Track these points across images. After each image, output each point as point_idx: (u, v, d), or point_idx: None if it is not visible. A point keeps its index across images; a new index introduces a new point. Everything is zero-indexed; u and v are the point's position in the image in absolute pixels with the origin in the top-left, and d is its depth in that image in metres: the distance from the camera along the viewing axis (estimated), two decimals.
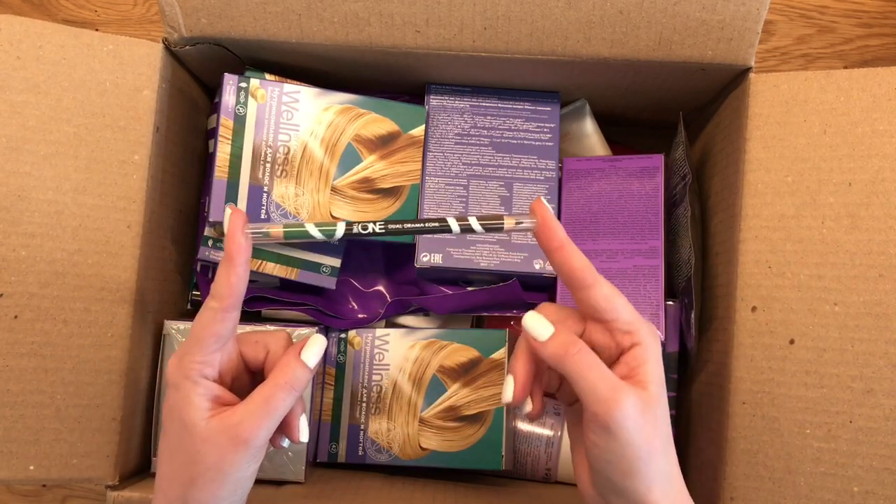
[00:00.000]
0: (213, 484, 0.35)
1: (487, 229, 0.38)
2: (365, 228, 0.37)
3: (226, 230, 0.36)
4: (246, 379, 0.40)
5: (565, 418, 0.54)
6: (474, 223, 0.38)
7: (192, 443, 0.35)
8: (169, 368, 0.36)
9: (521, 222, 0.37)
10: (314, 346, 0.38)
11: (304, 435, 0.39)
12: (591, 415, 0.34)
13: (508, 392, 0.37)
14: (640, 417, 0.33)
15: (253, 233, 0.36)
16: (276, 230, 0.37)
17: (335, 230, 0.37)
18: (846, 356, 0.42)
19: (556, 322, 0.36)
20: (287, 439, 0.40)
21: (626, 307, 0.35)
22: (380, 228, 0.38)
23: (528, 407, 0.38)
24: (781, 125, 0.45)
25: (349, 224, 0.38)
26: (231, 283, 0.35)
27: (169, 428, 0.36)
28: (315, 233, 0.37)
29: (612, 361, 0.36)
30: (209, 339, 0.36)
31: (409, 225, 0.38)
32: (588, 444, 0.35)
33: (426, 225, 0.38)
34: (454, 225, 0.38)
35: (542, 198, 0.37)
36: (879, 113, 0.43)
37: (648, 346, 0.35)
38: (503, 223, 0.37)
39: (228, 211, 0.36)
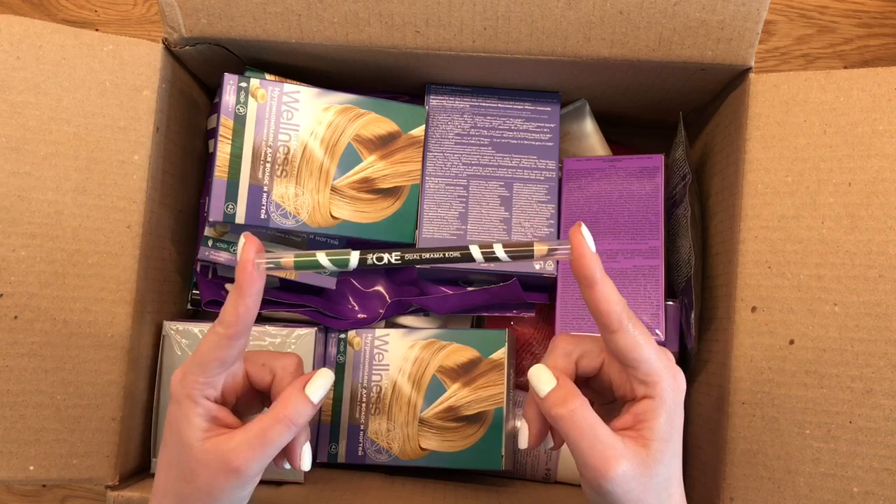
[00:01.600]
0: None
1: (514, 258, 0.34)
2: (380, 259, 0.35)
3: (238, 258, 0.35)
4: (253, 398, 0.40)
5: None
6: (500, 251, 0.34)
7: (187, 461, 0.35)
8: (173, 382, 0.36)
9: (555, 250, 0.34)
10: (320, 381, 0.37)
11: (305, 463, 0.39)
12: (583, 477, 0.34)
13: (523, 440, 0.37)
14: (632, 481, 0.33)
15: (266, 263, 0.35)
16: (287, 260, 0.35)
17: (348, 259, 0.35)
18: (846, 356, 0.42)
19: (567, 359, 0.36)
20: (289, 464, 0.39)
21: (649, 358, 0.34)
22: (395, 259, 0.35)
23: (551, 444, 0.38)
24: (781, 125, 0.45)
25: (363, 254, 0.35)
26: (238, 313, 0.34)
27: (168, 441, 0.36)
28: (326, 263, 0.35)
29: (624, 402, 0.36)
30: (212, 363, 0.35)
31: (427, 255, 0.35)
32: (584, 491, 0.35)
33: (446, 255, 0.35)
34: (477, 254, 0.34)
35: (583, 226, 0.33)
36: (879, 113, 0.43)
37: (662, 401, 0.34)
38: (533, 251, 0.34)
39: (242, 240, 0.35)
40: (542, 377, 0.35)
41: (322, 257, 0.35)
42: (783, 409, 0.43)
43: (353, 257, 0.35)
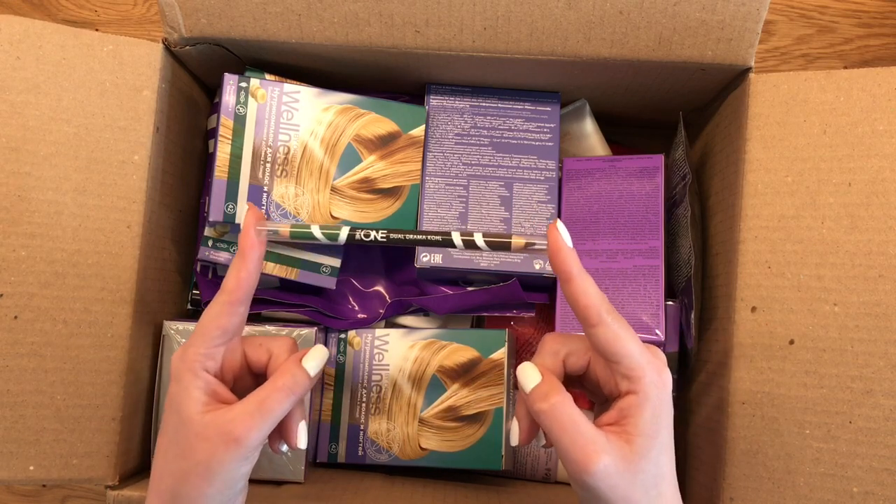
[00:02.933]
0: (201, 481, 0.35)
1: (493, 247, 0.36)
2: (367, 236, 0.38)
3: (242, 226, 0.37)
4: (248, 381, 0.40)
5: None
6: (479, 239, 0.36)
7: (186, 436, 0.35)
8: (173, 360, 0.37)
9: (533, 244, 0.35)
10: (316, 355, 0.38)
11: (302, 441, 0.39)
12: (568, 473, 0.34)
13: (514, 436, 0.37)
14: (615, 477, 0.32)
15: (266, 230, 0.37)
16: (284, 229, 0.38)
17: (339, 234, 0.38)
18: (846, 356, 0.42)
19: (555, 357, 0.37)
20: (286, 444, 0.40)
21: (632, 352, 0.34)
22: (381, 236, 0.38)
23: (543, 441, 0.38)
24: (781, 125, 0.45)
25: (352, 229, 0.38)
26: (240, 278, 0.36)
27: (167, 420, 0.37)
28: (319, 234, 0.38)
29: (613, 397, 0.36)
30: (214, 331, 0.36)
31: (411, 235, 0.38)
32: (573, 487, 0.35)
33: (428, 237, 0.37)
34: (457, 240, 0.37)
35: (559, 221, 0.35)
36: (879, 113, 0.43)
37: (646, 395, 0.33)
38: (510, 241, 0.36)
39: (245, 207, 0.37)
40: (527, 374, 0.36)
41: (315, 229, 0.39)
42: (783, 409, 0.43)
43: (343, 232, 0.38)
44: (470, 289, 0.53)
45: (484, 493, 0.50)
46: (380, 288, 0.57)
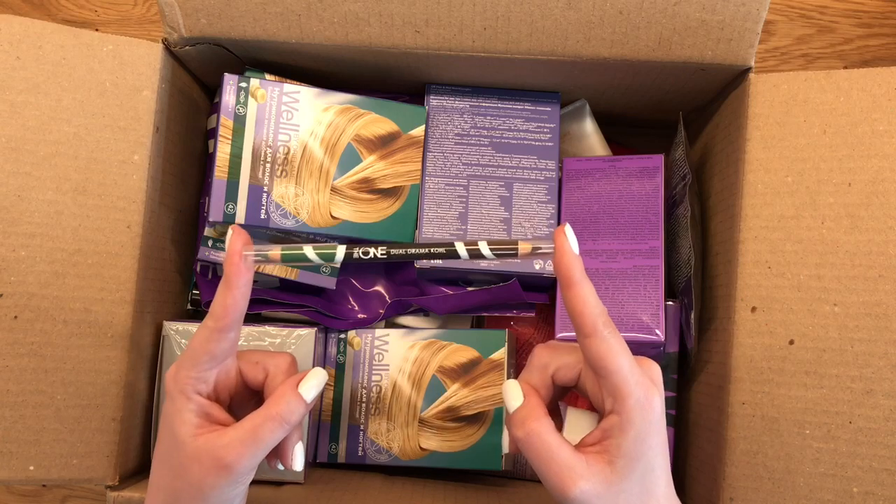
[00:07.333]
0: (193, 502, 0.35)
1: (499, 255, 0.35)
2: (366, 253, 0.35)
3: (226, 250, 0.35)
4: (246, 397, 0.40)
5: None
6: (484, 248, 0.35)
7: (179, 457, 0.35)
8: (167, 378, 0.36)
9: (539, 248, 0.34)
10: (314, 380, 0.37)
11: (297, 463, 0.39)
12: (550, 494, 0.34)
13: (505, 444, 0.37)
14: (594, 499, 0.32)
15: (254, 255, 0.35)
16: (275, 253, 0.36)
17: (335, 254, 0.36)
18: (846, 356, 0.42)
19: (543, 372, 0.36)
20: (282, 465, 0.39)
21: (620, 369, 0.32)
22: (381, 253, 0.35)
23: None
24: (781, 125, 0.45)
25: (349, 247, 0.36)
26: (226, 305, 0.35)
27: (161, 436, 0.37)
28: (313, 256, 0.36)
29: (601, 413, 0.35)
30: (203, 356, 0.35)
31: (412, 250, 0.35)
32: None
33: (431, 251, 0.35)
34: (462, 251, 0.35)
35: (568, 226, 0.34)
36: (879, 113, 0.43)
37: (629, 418, 0.32)
38: (517, 248, 0.34)
39: (230, 232, 0.35)
40: (510, 394, 0.35)
41: (309, 250, 0.36)
42: (783, 409, 0.43)
43: (340, 251, 0.36)
44: (470, 289, 0.53)
45: (484, 493, 0.50)
46: (380, 288, 0.57)
